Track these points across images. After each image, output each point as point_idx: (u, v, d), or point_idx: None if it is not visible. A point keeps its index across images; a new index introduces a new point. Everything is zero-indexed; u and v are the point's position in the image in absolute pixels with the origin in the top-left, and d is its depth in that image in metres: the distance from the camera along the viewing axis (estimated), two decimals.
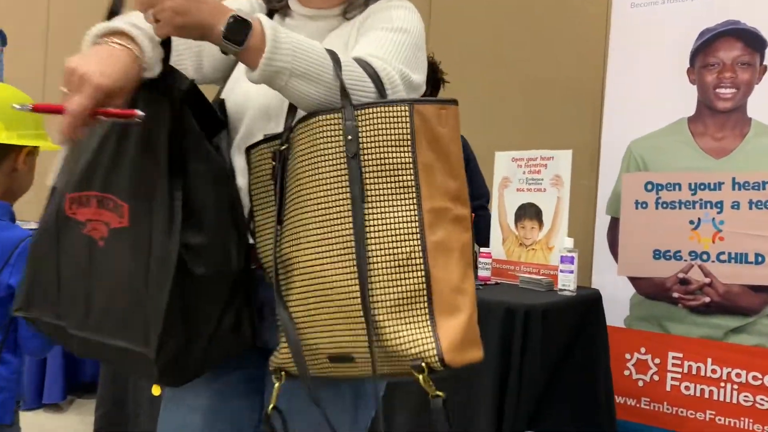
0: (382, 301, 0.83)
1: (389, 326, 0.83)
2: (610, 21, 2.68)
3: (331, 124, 0.89)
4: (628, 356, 2.51)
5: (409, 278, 0.83)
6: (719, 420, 2.26)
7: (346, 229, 0.86)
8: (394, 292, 0.83)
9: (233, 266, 0.92)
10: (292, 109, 0.96)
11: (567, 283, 1.91)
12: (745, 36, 2.28)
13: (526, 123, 3.40)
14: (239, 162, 1.02)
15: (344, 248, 0.85)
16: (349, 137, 0.88)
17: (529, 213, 2.16)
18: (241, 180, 1.00)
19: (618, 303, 2.47)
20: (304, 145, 0.91)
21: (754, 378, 2.19)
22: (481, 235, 2.29)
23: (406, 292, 0.83)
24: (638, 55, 2.56)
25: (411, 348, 0.82)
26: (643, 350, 2.48)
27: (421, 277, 0.83)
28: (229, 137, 1.05)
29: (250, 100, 1.04)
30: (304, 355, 0.90)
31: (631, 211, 2.53)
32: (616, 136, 2.69)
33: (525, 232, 2.16)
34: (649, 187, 2.49)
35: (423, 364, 0.81)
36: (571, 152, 2.08)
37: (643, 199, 2.50)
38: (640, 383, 2.47)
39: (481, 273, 2.10)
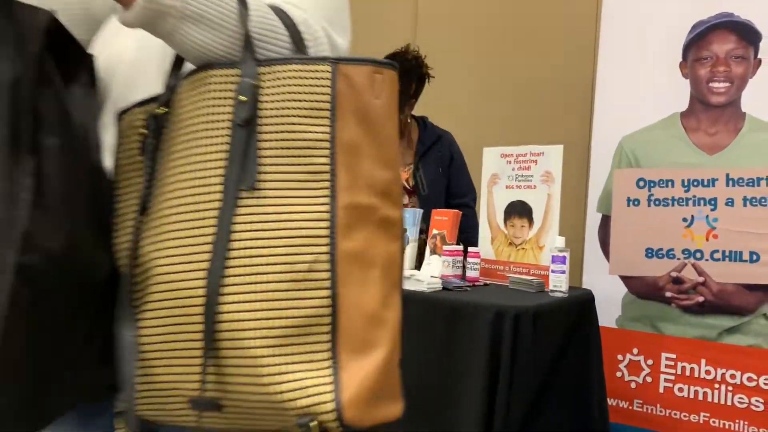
0: (263, 329, 0.61)
1: (271, 365, 0.61)
2: (601, 13, 2.62)
3: (223, 82, 0.67)
4: (620, 357, 2.46)
5: (307, 298, 0.62)
6: (714, 422, 2.20)
7: (211, 224, 0.64)
8: (282, 317, 0.61)
9: (97, 274, 0.70)
10: (178, 63, 0.73)
11: (559, 283, 1.84)
12: (739, 29, 2.22)
13: (515, 119, 3.34)
14: (108, 138, 0.77)
15: (204, 251, 0.64)
16: (241, 98, 0.66)
17: (518, 211, 2.08)
18: (110, 160, 0.76)
19: (609, 303, 2.41)
20: (187, 110, 0.69)
21: (749, 379, 2.14)
22: (467, 234, 2.22)
23: (301, 318, 0.62)
24: (629, 47, 2.50)
25: (299, 398, 0.61)
26: (635, 351, 2.43)
27: (325, 297, 0.63)
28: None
29: (123, 55, 0.80)
30: (158, 395, 0.67)
31: (622, 209, 2.47)
32: (607, 131, 2.64)
33: (514, 230, 2.09)
34: (641, 183, 2.44)
35: (313, 423, 0.60)
36: (561, 147, 2.01)
37: (635, 196, 2.44)
38: (633, 385, 2.42)
39: (470, 273, 2.03)
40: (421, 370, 1.70)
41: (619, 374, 2.46)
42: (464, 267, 2.05)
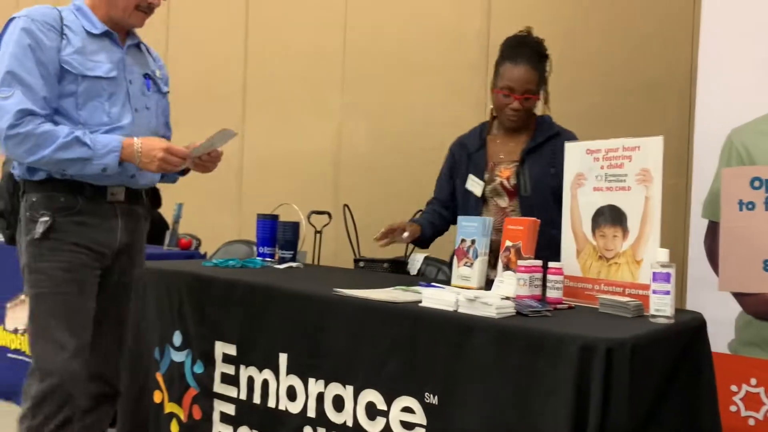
0: None
1: None
2: None
3: None
4: (734, 389, 2.11)
5: None
6: None
7: None
8: None
9: None
10: None
11: (662, 307, 1.50)
12: None
13: (600, 113, 2.98)
14: None
15: None
16: None
17: (609, 217, 1.75)
18: None
19: (720, 325, 2.06)
20: None
21: None
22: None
23: None
24: (736, 25, 2.18)
25: None
26: (753, 382, 2.08)
27: None
28: None
29: None
30: None
31: (734, 214, 2.11)
32: (711, 123, 2.29)
33: (605, 241, 1.75)
34: (757, 183, 2.08)
35: None
36: (662, 139, 1.66)
37: (749, 198, 2.08)
38: (751, 422, 2.07)
39: (551, 294, 1.70)
40: (489, 416, 1.40)
41: (733, 408, 2.11)
42: (544, 286, 1.73)
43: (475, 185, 2.26)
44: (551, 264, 1.73)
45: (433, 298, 1.59)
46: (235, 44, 4.68)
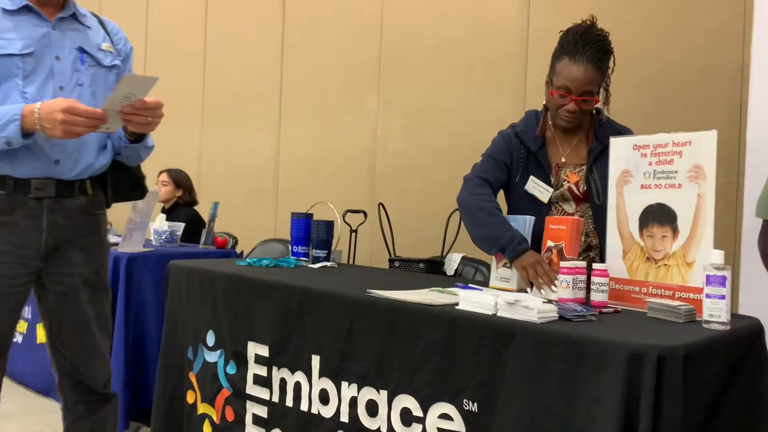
0: None
1: None
2: None
3: None
4: None
5: None
6: None
7: None
8: None
9: None
10: None
11: (717, 312, 1.40)
12: None
13: (645, 108, 2.87)
14: None
15: None
16: None
17: (658, 217, 1.65)
18: None
19: None
20: None
21: None
22: None
23: None
24: None
25: None
26: None
27: None
28: None
29: None
30: None
31: None
32: (765, 119, 2.15)
33: (653, 242, 1.65)
34: None
35: None
36: (715, 133, 1.55)
37: None
38: None
39: (595, 297, 1.62)
40: (530, 426, 1.33)
41: None
42: (588, 288, 1.65)
43: (541, 190, 2.04)
44: (595, 265, 1.65)
45: (471, 300, 1.51)
46: (271, 45, 4.68)
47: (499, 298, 1.46)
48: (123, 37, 2.02)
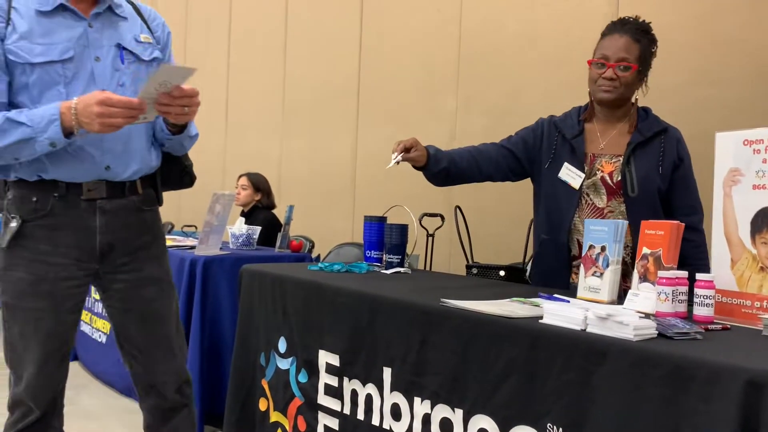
0: None
1: None
2: None
3: None
4: None
5: None
6: None
7: None
8: None
9: None
10: None
11: None
12: None
13: (746, 100, 2.61)
14: None
15: None
16: None
17: None
18: None
19: None
20: None
21: None
22: (696, 266, 1.66)
23: None
24: None
25: None
26: None
27: None
28: None
29: None
30: None
31: None
32: None
33: None
34: None
35: None
36: None
37: None
38: None
39: (699, 312, 1.43)
40: None
41: None
42: (690, 302, 1.46)
43: (573, 176, 2.02)
44: (699, 276, 1.46)
45: (557, 314, 1.36)
46: (349, 47, 4.64)
47: (589, 311, 1.31)
48: (161, 23, 1.92)
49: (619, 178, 1.97)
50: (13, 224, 1.69)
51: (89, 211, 1.75)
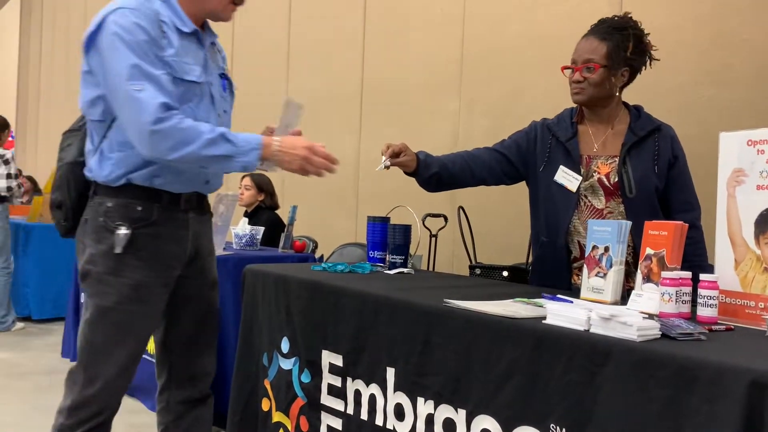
0: None
1: None
2: None
3: None
4: None
5: None
6: None
7: None
8: None
9: None
10: None
11: None
12: None
13: (752, 101, 2.60)
14: None
15: None
16: None
17: None
18: None
19: None
20: None
21: None
22: (696, 263, 1.68)
23: None
24: None
25: None
26: None
27: None
28: None
29: None
30: None
31: None
32: None
33: None
34: None
35: None
36: None
37: None
38: None
39: (703, 312, 1.43)
40: None
41: None
42: (694, 302, 1.46)
43: (569, 179, 2.02)
44: (703, 276, 1.46)
45: (560, 314, 1.37)
46: (352, 47, 4.64)
47: (592, 312, 1.31)
48: (225, 54, 2.05)
49: (617, 180, 1.98)
50: (125, 231, 1.75)
51: (184, 221, 1.86)
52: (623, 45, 1.97)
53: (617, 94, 2.02)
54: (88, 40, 1.71)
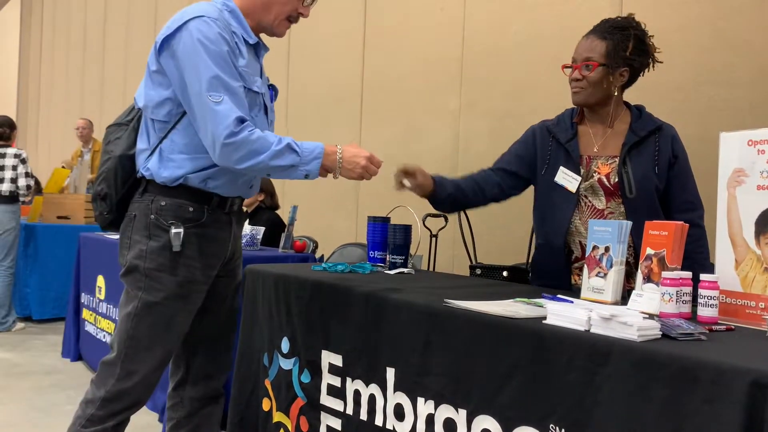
0: None
1: None
2: None
3: None
4: None
5: None
6: None
7: None
8: None
9: None
10: None
11: None
12: None
13: (756, 102, 2.60)
14: None
15: None
16: None
17: None
18: None
19: None
20: None
21: None
22: (698, 262, 1.68)
23: None
24: None
25: None
26: None
27: None
28: None
29: None
30: None
31: None
32: None
33: None
34: None
35: None
36: None
37: None
38: None
39: (703, 312, 1.43)
40: None
41: None
42: (695, 302, 1.46)
43: (569, 180, 2.02)
44: (704, 276, 1.46)
45: (560, 314, 1.36)
46: (352, 47, 4.64)
47: (592, 312, 1.31)
48: None
49: (617, 180, 1.97)
50: (179, 230, 1.81)
51: (228, 223, 1.93)
52: (623, 44, 1.96)
53: (616, 94, 2.02)
54: (164, 41, 1.75)
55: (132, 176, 1.88)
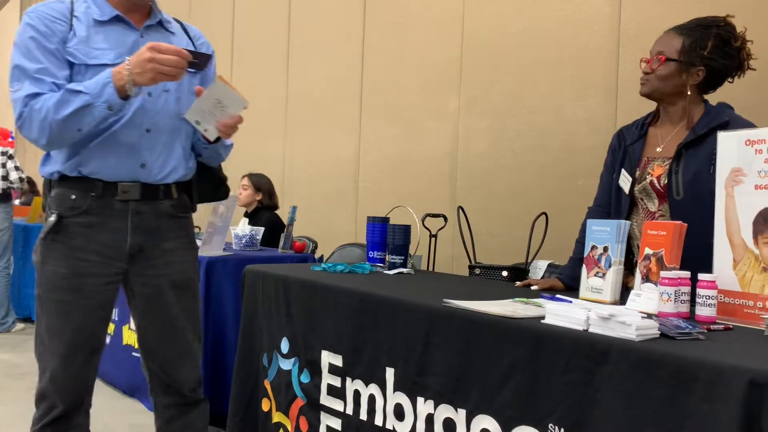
0: None
1: None
2: None
3: None
4: None
5: None
6: None
7: None
8: None
9: None
10: None
11: None
12: None
13: (757, 101, 2.60)
14: None
15: None
16: None
17: None
18: None
19: None
20: None
21: None
22: None
23: None
24: None
25: None
26: None
27: None
28: None
29: None
30: None
31: None
32: None
33: None
34: None
35: None
36: None
37: None
38: None
39: (701, 312, 1.43)
40: None
41: None
42: (693, 302, 1.47)
43: (625, 181, 1.97)
44: (702, 276, 1.46)
45: (559, 314, 1.37)
46: (352, 47, 4.64)
47: (591, 311, 1.31)
48: (205, 42, 2.05)
49: (666, 182, 1.88)
50: (52, 218, 1.78)
51: (122, 212, 1.81)
52: (702, 43, 1.88)
53: (690, 93, 1.91)
54: None
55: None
